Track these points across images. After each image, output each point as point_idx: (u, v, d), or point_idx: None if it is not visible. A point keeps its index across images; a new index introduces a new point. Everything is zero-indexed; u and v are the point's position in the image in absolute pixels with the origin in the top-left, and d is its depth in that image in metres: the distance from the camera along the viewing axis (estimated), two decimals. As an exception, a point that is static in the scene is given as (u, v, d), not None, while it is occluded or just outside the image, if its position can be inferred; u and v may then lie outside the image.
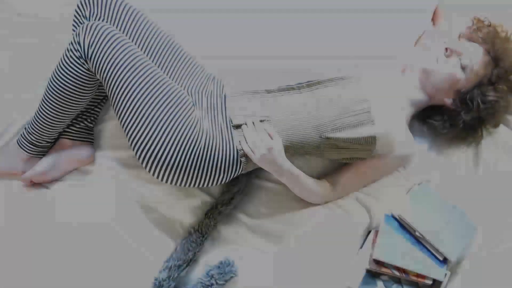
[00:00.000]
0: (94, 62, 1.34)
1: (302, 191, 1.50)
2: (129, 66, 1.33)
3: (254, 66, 1.63)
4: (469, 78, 1.46)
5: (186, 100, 1.39)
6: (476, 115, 1.48)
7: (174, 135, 1.34)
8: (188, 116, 1.37)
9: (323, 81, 1.44)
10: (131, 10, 1.49)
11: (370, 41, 1.63)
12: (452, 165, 1.61)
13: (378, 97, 1.43)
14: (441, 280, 1.46)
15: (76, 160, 1.57)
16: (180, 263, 1.48)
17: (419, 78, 1.51)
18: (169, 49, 1.50)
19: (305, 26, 1.67)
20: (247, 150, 1.38)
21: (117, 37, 1.35)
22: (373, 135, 1.40)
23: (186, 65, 1.52)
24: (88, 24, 1.35)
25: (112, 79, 1.34)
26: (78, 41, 1.34)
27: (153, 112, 1.33)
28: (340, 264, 1.52)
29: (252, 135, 1.38)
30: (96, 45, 1.33)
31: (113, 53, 1.33)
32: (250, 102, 1.44)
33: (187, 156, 1.36)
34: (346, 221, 1.55)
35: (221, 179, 1.43)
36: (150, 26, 1.50)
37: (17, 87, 1.63)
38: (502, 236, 1.52)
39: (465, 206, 1.56)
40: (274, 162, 1.38)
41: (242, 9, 1.68)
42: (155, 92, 1.34)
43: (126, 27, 1.47)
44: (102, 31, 1.34)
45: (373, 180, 1.57)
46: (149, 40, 1.48)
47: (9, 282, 1.45)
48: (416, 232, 1.49)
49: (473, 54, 1.46)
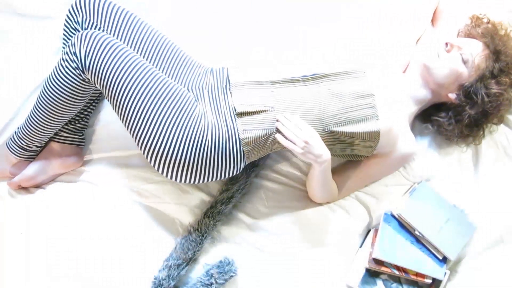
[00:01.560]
0: (92, 72, 1.34)
1: (323, 185, 1.47)
2: (128, 71, 1.33)
3: (260, 57, 1.64)
4: (471, 72, 1.46)
5: (188, 97, 1.39)
6: (481, 108, 1.48)
7: (181, 132, 1.34)
8: (192, 112, 1.37)
9: (328, 74, 1.44)
10: (124, 12, 1.47)
11: (372, 41, 1.64)
12: (452, 164, 1.61)
13: (383, 93, 1.43)
14: (441, 279, 1.46)
15: (65, 165, 1.56)
16: (180, 262, 1.48)
17: (422, 75, 1.51)
18: (165, 48, 1.50)
19: (310, 21, 1.69)
20: (287, 144, 1.33)
21: (112, 43, 1.35)
22: (377, 130, 1.40)
23: (183, 63, 1.52)
24: (83, 34, 1.34)
25: (112, 87, 1.33)
26: (74, 51, 1.33)
27: (158, 113, 1.33)
28: (340, 263, 1.52)
29: (291, 127, 1.34)
30: (93, 55, 1.32)
31: (111, 61, 1.33)
32: (255, 92, 1.43)
33: (196, 151, 1.36)
34: (346, 220, 1.55)
35: (229, 171, 1.42)
36: (143, 27, 1.49)
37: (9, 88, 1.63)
38: (502, 235, 1.53)
39: (465, 205, 1.56)
40: (316, 149, 1.33)
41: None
42: (157, 93, 1.34)
43: (120, 30, 1.46)
44: (97, 40, 1.33)
45: (375, 179, 1.57)
46: (144, 41, 1.47)
47: (9, 282, 1.45)
48: (415, 231, 1.49)
49: (473, 48, 1.47)
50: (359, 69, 1.45)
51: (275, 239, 1.53)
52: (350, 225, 1.55)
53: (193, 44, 1.62)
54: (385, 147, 1.46)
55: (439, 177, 1.59)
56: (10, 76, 1.64)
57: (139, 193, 1.56)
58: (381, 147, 1.45)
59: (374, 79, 1.45)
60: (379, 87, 1.44)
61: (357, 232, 1.55)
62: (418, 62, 1.52)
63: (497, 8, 1.64)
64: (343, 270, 1.52)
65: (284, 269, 1.50)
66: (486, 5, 1.62)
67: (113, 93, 1.34)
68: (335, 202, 1.56)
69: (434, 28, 1.65)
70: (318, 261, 1.51)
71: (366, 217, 1.56)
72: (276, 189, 1.59)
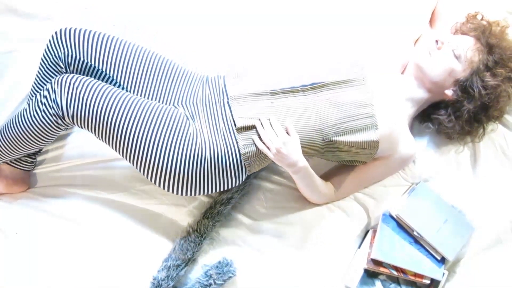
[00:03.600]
0: (78, 119, 1.33)
1: (310, 191, 1.49)
2: (115, 112, 1.32)
3: (257, 62, 1.64)
4: (465, 66, 1.46)
5: (179, 118, 1.38)
6: (479, 102, 1.47)
7: (178, 154, 1.35)
8: (186, 132, 1.37)
9: (327, 84, 1.42)
10: (109, 40, 1.43)
11: (369, 44, 1.64)
12: (450, 165, 1.61)
13: (381, 99, 1.43)
14: (439, 279, 1.46)
15: (10, 188, 1.56)
16: (179, 263, 1.49)
17: (416, 75, 1.51)
18: (155, 65, 1.46)
19: (307, 27, 1.69)
20: (262, 147, 1.36)
21: (94, 87, 1.33)
22: (376, 140, 1.40)
23: (177, 76, 1.49)
24: (62, 80, 1.32)
25: (101, 130, 1.34)
26: (54, 99, 1.32)
27: (152, 143, 1.34)
28: (338, 263, 1.52)
29: (268, 131, 1.36)
30: (76, 103, 1.31)
31: (96, 106, 1.32)
32: (254, 104, 1.41)
33: (197, 169, 1.37)
34: (344, 220, 1.55)
35: (231, 183, 1.43)
36: (131, 49, 1.44)
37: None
38: (499, 236, 1.53)
39: (463, 206, 1.56)
40: (290, 158, 1.35)
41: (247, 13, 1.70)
42: (147, 125, 1.34)
43: (106, 59, 1.42)
44: (78, 87, 1.32)
45: (375, 181, 1.57)
46: (133, 64, 1.43)
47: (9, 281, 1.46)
48: (414, 232, 1.49)
49: (464, 43, 1.47)
50: (358, 77, 1.43)
51: (273, 240, 1.54)
52: (349, 225, 1.55)
53: (187, 51, 1.63)
54: (385, 151, 1.46)
55: (437, 178, 1.59)
56: (9, 75, 1.64)
57: (137, 195, 1.57)
58: (381, 151, 1.45)
59: (373, 85, 1.44)
60: (378, 92, 1.43)
61: (355, 233, 1.55)
62: (412, 63, 1.53)
63: (495, 8, 1.64)
64: (342, 270, 1.52)
65: (283, 270, 1.51)
66: (484, 6, 1.62)
67: (104, 135, 1.35)
68: (333, 203, 1.56)
69: (433, 30, 1.66)
70: (316, 262, 1.51)
71: (365, 217, 1.57)
72: (275, 190, 1.59)
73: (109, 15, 1.68)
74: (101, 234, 1.53)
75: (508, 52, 1.47)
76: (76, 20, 1.68)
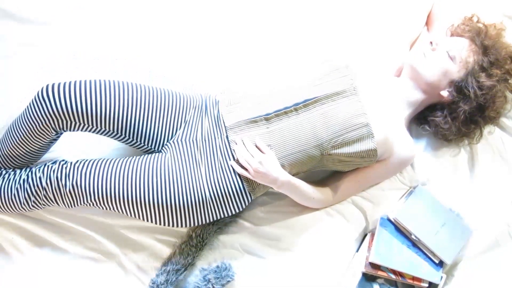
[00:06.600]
0: (78, 195, 1.39)
1: (302, 200, 1.50)
2: (113, 182, 1.37)
3: (251, 90, 1.57)
4: (460, 67, 1.46)
5: (174, 166, 1.39)
6: (475, 102, 1.47)
7: (179, 206, 1.38)
8: (182, 180, 1.38)
9: (320, 98, 1.41)
10: (97, 86, 1.37)
11: (364, 47, 1.65)
12: (448, 168, 1.61)
13: (375, 105, 1.43)
14: (437, 283, 1.47)
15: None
16: (178, 267, 1.49)
17: (412, 77, 1.52)
18: (150, 102, 1.42)
19: (298, 33, 1.69)
20: (240, 171, 1.39)
21: (87, 166, 1.38)
22: (374, 148, 1.41)
23: (174, 109, 1.45)
24: (59, 174, 1.37)
25: (104, 202, 1.39)
26: (57, 186, 1.38)
27: (152, 200, 1.37)
28: (336, 267, 1.53)
29: (243, 153, 1.38)
30: (78, 186, 1.37)
31: (95, 183, 1.37)
32: (250, 133, 1.41)
33: (201, 210, 1.40)
34: (342, 224, 1.55)
35: (236, 209, 1.45)
36: (123, 91, 1.39)
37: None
38: (497, 239, 1.53)
39: (461, 209, 1.56)
40: (269, 175, 1.37)
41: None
42: (144, 182, 1.37)
43: (100, 109, 1.37)
44: (75, 173, 1.37)
45: (373, 183, 1.58)
46: (127, 106, 1.39)
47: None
48: (412, 235, 1.49)
49: (459, 44, 1.47)
50: (348, 87, 1.43)
51: (272, 244, 1.54)
52: (347, 229, 1.55)
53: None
54: (383, 155, 1.46)
55: (435, 181, 1.59)
56: (7, 80, 1.64)
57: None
58: (380, 155, 1.45)
59: (365, 92, 1.43)
60: (371, 99, 1.43)
61: (353, 237, 1.56)
62: (406, 65, 1.53)
63: (492, 11, 1.64)
64: (340, 274, 1.52)
65: (281, 274, 1.51)
66: (481, 9, 1.62)
67: (106, 205, 1.40)
68: (331, 207, 1.56)
69: (429, 32, 1.66)
70: (314, 266, 1.52)
71: (363, 221, 1.57)
72: (275, 195, 1.59)
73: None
74: (101, 235, 1.53)
75: (504, 53, 1.48)
76: (74, 24, 1.68)
